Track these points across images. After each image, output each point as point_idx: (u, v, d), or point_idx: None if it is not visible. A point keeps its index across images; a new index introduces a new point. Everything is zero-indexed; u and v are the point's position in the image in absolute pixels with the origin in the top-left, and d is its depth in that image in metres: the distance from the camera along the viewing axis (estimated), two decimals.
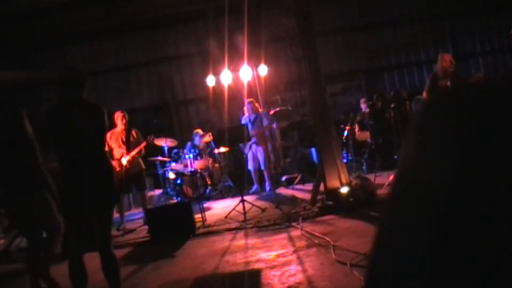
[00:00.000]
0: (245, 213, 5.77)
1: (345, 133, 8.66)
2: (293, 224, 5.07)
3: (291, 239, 4.52)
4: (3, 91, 9.64)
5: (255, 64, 8.87)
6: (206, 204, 7.69)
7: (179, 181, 7.78)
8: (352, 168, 8.05)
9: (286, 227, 5.04)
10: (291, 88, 10.30)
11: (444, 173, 0.41)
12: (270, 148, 8.24)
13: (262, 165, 8.05)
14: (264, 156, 7.97)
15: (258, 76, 8.96)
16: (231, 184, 8.85)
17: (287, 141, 9.31)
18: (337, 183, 5.58)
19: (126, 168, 6.24)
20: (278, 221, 5.31)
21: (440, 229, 0.40)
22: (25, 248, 5.71)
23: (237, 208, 5.99)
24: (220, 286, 3.58)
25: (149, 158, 7.68)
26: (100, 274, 3.04)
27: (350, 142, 8.59)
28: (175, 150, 8.41)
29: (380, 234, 0.49)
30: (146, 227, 5.82)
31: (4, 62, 10.14)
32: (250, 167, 8.23)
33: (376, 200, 5.32)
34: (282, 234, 4.78)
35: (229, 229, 5.40)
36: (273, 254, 4.06)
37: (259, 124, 7.88)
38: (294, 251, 4.04)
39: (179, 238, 5.23)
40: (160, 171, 8.68)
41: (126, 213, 7.26)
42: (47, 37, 10.43)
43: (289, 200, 6.64)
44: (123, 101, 10.71)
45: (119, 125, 6.42)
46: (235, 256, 4.23)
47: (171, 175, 8.09)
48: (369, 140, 8.37)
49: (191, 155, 7.91)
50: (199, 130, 8.99)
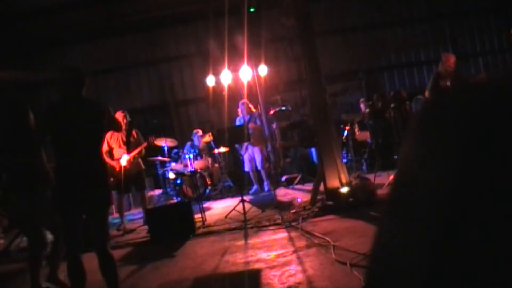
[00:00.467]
0: (245, 213, 5.76)
1: (345, 133, 8.66)
2: (293, 224, 5.07)
3: (291, 239, 4.52)
4: (4, 91, 9.65)
5: (255, 64, 8.86)
6: (206, 204, 7.69)
7: (179, 181, 7.78)
8: (352, 168, 8.04)
9: (286, 227, 5.04)
10: (291, 88, 10.31)
11: (445, 173, 0.41)
12: (270, 148, 8.23)
13: (260, 165, 8.05)
14: (262, 156, 7.96)
15: (258, 76, 8.95)
16: (231, 184, 8.85)
17: (287, 141, 9.30)
18: (337, 183, 5.58)
19: (126, 168, 6.24)
20: (278, 221, 5.31)
21: (441, 229, 0.40)
22: (26, 248, 5.74)
23: (237, 208, 5.99)
24: (220, 286, 3.58)
25: (149, 158, 7.69)
26: (99, 274, 3.04)
27: (350, 142, 8.59)
28: (175, 150, 8.41)
29: (380, 234, 0.49)
30: (146, 227, 5.83)
31: (4, 62, 10.14)
32: (247, 169, 8.23)
33: (376, 200, 5.32)
34: (282, 234, 4.79)
35: (229, 229, 5.40)
36: (273, 254, 4.06)
37: (253, 125, 7.88)
38: (294, 251, 4.04)
39: (179, 238, 5.24)
40: (160, 171, 8.69)
41: (126, 213, 7.26)
42: (47, 37, 10.42)
43: (289, 200, 6.64)
44: (123, 101, 10.71)
45: None
46: (235, 256, 4.23)
47: (171, 175, 8.09)
48: (369, 140, 8.36)
49: (191, 155, 7.91)
50: (199, 130, 8.99)
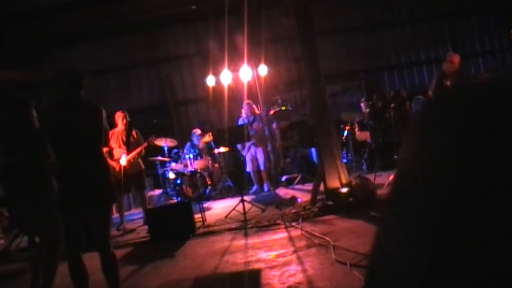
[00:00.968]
0: (245, 213, 5.76)
1: (345, 133, 8.65)
2: (293, 224, 5.07)
3: (291, 239, 4.52)
4: (4, 91, 9.65)
5: (255, 64, 8.87)
6: (206, 204, 7.69)
7: (179, 181, 7.78)
8: (352, 168, 8.05)
9: (286, 227, 5.04)
10: (291, 88, 10.30)
11: (445, 173, 0.41)
12: (270, 148, 8.24)
13: (262, 166, 8.05)
14: (264, 157, 7.96)
15: (258, 76, 8.95)
16: (231, 184, 8.85)
17: (287, 141, 9.30)
18: (337, 183, 5.58)
19: (126, 168, 6.24)
20: (278, 221, 5.31)
21: (441, 229, 0.40)
22: (26, 248, 5.74)
23: (237, 208, 5.99)
24: (220, 286, 3.58)
25: (149, 158, 7.68)
26: (100, 274, 3.04)
27: (350, 142, 8.59)
28: (175, 150, 8.41)
29: (380, 234, 0.49)
30: (146, 227, 5.83)
31: (4, 62, 10.13)
32: (249, 169, 8.23)
33: (376, 200, 5.32)
34: (282, 234, 4.79)
35: (229, 229, 5.40)
36: (273, 254, 4.06)
37: (257, 125, 7.88)
38: (294, 251, 4.04)
39: (179, 238, 5.24)
40: (160, 171, 8.69)
41: (126, 213, 7.25)
42: (47, 37, 10.42)
43: (289, 200, 6.64)
44: (123, 101, 10.71)
45: (120, 125, 6.42)
46: (235, 256, 4.23)
47: (171, 175, 8.09)
48: (369, 140, 8.36)
49: (191, 155, 7.91)
50: (197, 130, 8.99)
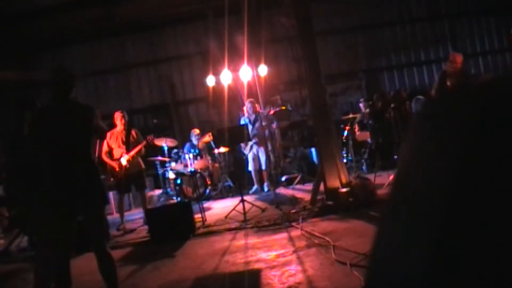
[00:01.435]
0: (245, 213, 5.76)
1: (345, 133, 8.66)
2: (293, 224, 5.06)
3: (291, 239, 4.52)
4: (4, 91, 9.65)
5: (255, 64, 8.87)
6: (206, 204, 7.69)
7: (179, 181, 7.78)
8: (352, 168, 8.05)
9: (286, 227, 5.03)
10: (291, 88, 10.32)
11: (445, 173, 0.41)
12: (270, 148, 8.24)
13: (264, 165, 8.04)
14: (266, 156, 7.97)
15: (258, 76, 8.95)
16: (231, 184, 8.85)
17: (287, 141, 9.31)
18: (337, 183, 5.58)
19: (126, 168, 6.24)
20: (278, 221, 5.31)
21: (441, 229, 0.40)
22: (26, 248, 5.74)
23: (237, 208, 5.99)
24: (220, 286, 3.58)
25: (149, 158, 7.69)
26: (99, 275, 3.04)
27: (350, 142, 8.59)
28: (175, 150, 8.41)
29: (380, 234, 0.49)
30: (146, 227, 5.82)
31: (4, 62, 10.14)
32: (251, 168, 8.23)
33: (376, 200, 5.31)
34: (282, 234, 4.78)
35: (229, 229, 5.40)
36: (273, 254, 4.06)
37: (260, 125, 7.88)
38: (294, 251, 4.04)
39: (179, 238, 5.23)
40: (160, 171, 8.69)
41: (126, 213, 7.25)
42: (47, 37, 10.43)
43: (289, 200, 6.64)
44: (123, 101, 10.72)
45: (119, 125, 6.42)
46: (235, 256, 4.22)
47: (171, 175, 8.09)
48: (369, 140, 8.36)
49: (191, 155, 7.91)
50: (196, 130, 8.98)
